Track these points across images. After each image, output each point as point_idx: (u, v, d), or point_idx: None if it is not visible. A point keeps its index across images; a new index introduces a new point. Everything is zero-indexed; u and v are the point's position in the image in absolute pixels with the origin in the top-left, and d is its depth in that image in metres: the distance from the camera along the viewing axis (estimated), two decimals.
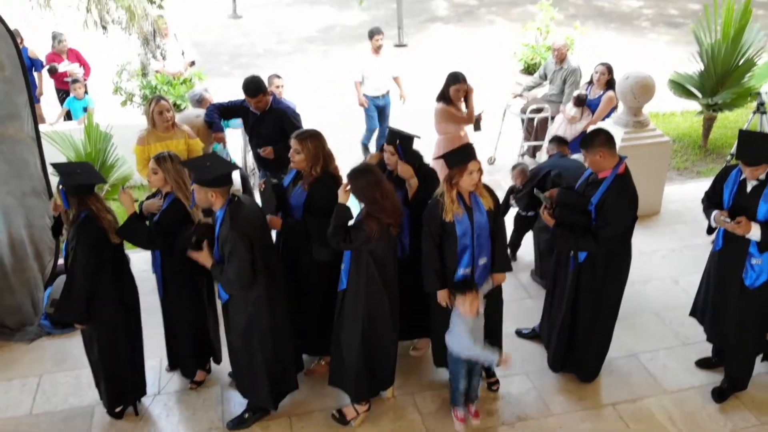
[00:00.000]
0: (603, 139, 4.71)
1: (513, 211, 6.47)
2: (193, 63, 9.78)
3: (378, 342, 4.61)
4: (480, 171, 4.53)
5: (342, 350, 4.67)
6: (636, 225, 5.67)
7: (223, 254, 4.26)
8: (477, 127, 7.06)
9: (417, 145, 5.05)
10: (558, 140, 6.47)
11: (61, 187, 4.30)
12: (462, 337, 4.50)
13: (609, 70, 7.86)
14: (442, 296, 4.65)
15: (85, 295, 4.39)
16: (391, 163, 4.96)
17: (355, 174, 4.33)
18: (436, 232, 4.59)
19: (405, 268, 4.74)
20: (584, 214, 4.75)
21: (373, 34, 8.79)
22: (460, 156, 4.52)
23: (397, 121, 7.97)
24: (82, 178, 4.39)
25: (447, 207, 4.52)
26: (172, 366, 5.26)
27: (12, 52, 5.35)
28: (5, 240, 5.53)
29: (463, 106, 6.70)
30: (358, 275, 4.43)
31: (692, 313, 5.22)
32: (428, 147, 5.20)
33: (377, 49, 8.76)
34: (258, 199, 7.06)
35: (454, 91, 6.59)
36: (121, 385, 4.78)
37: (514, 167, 6.49)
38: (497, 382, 5.12)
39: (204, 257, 4.36)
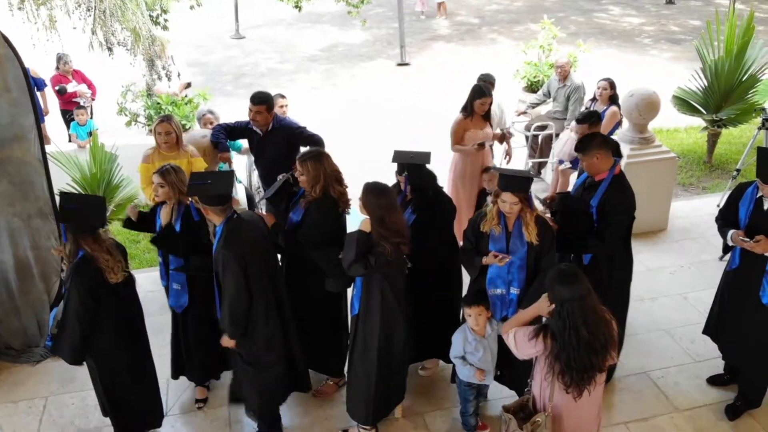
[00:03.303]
0: (599, 141, 4.78)
1: None
2: (188, 84, 9.76)
3: (394, 364, 4.56)
4: (519, 204, 4.34)
5: (358, 376, 4.62)
6: (643, 241, 5.69)
7: (218, 272, 4.26)
8: (501, 141, 6.99)
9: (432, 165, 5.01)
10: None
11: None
12: (457, 340, 4.56)
13: (611, 85, 7.87)
14: (489, 260, 4.52)
15: (79, 337, 4.27)
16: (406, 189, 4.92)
17: (371, 190, 4.30)
18: (472, 237, 4.60)
19: (415, 290, 4.71)
20: (586, 217, 4.77)
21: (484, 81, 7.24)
22: (506, 181, 4.38)
23: (405, 142, 7.92)
24: (83, 218, 4.22)
25: (488, 218, 4.51)
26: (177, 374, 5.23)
27: (18, 75, 5.35)
28: (11, 262, 5.52)
29: (485, 129, 6.65)
30: (370, 298, 4.39)
31: (705, 331, 5.19)
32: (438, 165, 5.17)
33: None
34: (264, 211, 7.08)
35: (479, 105, 6.53)
36: (126, 419, 4.70)
37: (485, 170, 6.54)
38: None
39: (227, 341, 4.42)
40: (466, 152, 6.63)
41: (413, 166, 4.82)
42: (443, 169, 6.95)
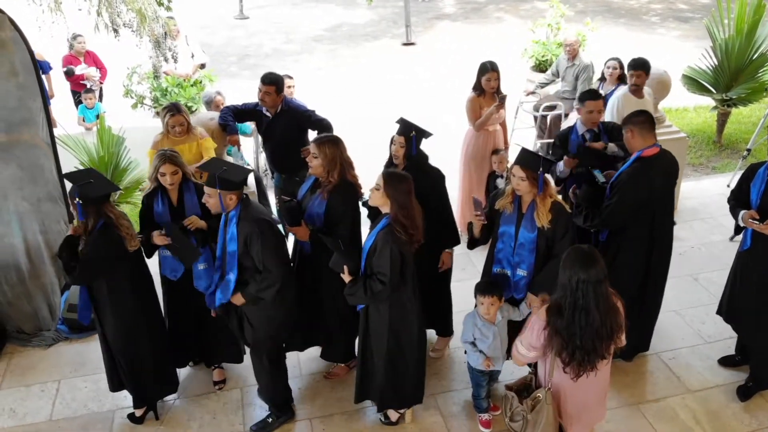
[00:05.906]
0: (640, 119, 4.72)
1: None
2: (203, 66, 9.72)
3: (404, 355, 4.49)
4: (527, 182, 4.32)
5: (369, 366, 4.60)
6: None
7: (247, 250, 4.25)
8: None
9: (425, 145, 5.03)
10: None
11: (78, 200, 4.22)
12: (467, 324, 4.58)
13: (621, 65, 7.79)
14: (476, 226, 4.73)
15: (92, 263, 4.31)
16: (399, 155, 4.92)
17: (394, 176, 4.26)
18: (489, 213, 4.64)
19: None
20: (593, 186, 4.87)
21: (634, 67, 6.81)
22: (520, 155, 4.40)
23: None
24: (99, 188, 4.31)
25: (504, 197, 4.53)
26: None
27: (26, 58, 5.32)
28: (21, 246, 5.52)
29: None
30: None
31: (719, 312, 5.18)
32: (437, 147, 5.17)
33: (638, 89, 6.83)
34: (272, 198, 7.08)
35: (485, 81, 6.51)
36: (144, 386, 4.77)
37: (495, 152, 6.55)
38: None
39: (238, 298, 4.40)
40: (489, 121, 6.56)
41: (420, 130, 4.90)
42: (453, 150, 6.93)
